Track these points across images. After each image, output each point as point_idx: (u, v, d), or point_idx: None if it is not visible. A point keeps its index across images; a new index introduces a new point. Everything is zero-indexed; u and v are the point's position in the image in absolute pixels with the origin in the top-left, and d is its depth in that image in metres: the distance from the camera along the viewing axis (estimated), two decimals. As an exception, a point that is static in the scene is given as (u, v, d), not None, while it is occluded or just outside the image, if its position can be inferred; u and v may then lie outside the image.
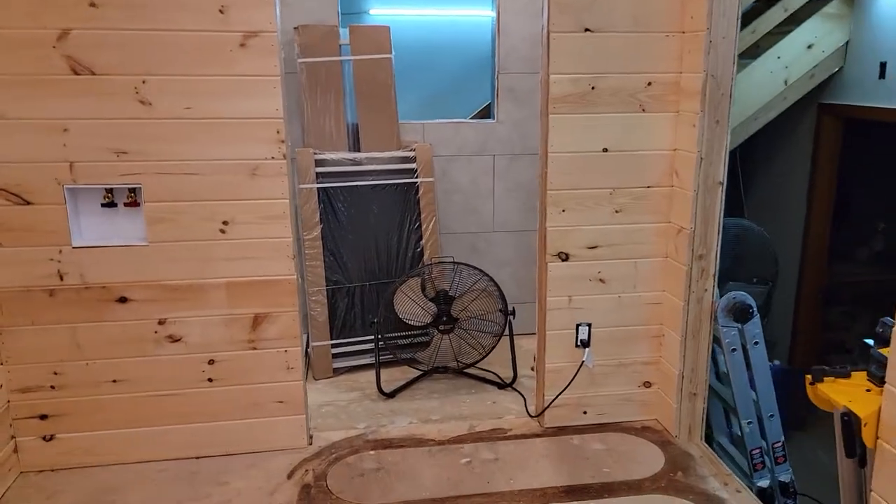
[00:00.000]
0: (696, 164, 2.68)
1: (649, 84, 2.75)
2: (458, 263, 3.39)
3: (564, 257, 2.88)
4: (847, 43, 4.41)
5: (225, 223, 2.64)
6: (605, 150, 2.79)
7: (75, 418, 2.72)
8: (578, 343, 2.96)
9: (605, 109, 2.75)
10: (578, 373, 2.97)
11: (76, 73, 2.43)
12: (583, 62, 2.70)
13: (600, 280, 2.92)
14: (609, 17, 2.66)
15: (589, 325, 2.95)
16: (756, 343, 2.82)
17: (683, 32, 2.70)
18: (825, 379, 1.96)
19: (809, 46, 4.38)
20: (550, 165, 2.78)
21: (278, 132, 2.60)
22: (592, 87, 2.73)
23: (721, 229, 2.74)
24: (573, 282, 2.91)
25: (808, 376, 1.99)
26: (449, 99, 4.33)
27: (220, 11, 2.46)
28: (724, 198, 2.73)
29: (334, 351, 3.63)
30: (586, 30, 2.67)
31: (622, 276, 2.92)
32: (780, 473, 2.94)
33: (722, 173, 2.70)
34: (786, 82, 4.43)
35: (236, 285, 2.71)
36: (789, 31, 4.38)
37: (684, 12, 2.68)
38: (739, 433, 3.18)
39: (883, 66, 4.14)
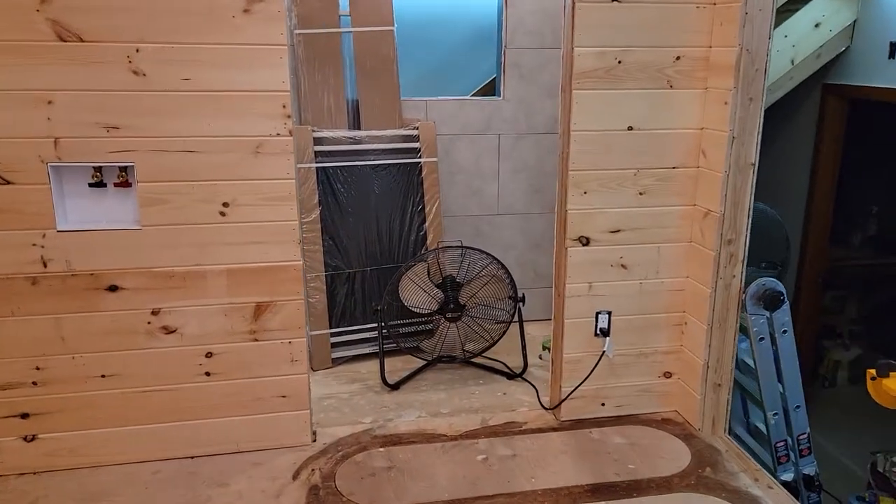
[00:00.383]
0: (728, 144, 2.53)
1: (678, 58, 2.59)
2: (467, 248, 3.22)
3: (585, 242, 2.72)
4: (854, 22, 4.30)
5: (225, 205, 2.44)
6: (630, 128, 2.64)
7: (60, 416, 2.51)
8: (598, 332, 2.82)
9: (631, 85, 2.59)
10: (598, 363, 2.83)
11: (62, 40, 2.19)
12: (609, 34, 2.53)
13: (622, 266, 2.77)
14: (639, -14, 2.50)
15: (609, 313, 2.81)
16: (784, 331, 2.71)
17: (715, 4, 2.55)
18: (891, 374, 1.85)
19: (817, 25, 4.26)
20: (573, 144, 2.62)
21: (284, 106, 2.39)
22: (619, 62, 2.56)
23: (751, 213, 2.61)
24: (594, 267, 2.76)
25: (872, 371, 1.87)
26: (448, 74, 4.12)
27: (221, -28, 2.24)
28: (755, 180, 2.59)
29: (333, 340, 3.44)
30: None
31: (645, 262, 2.78)
32: (805, 466, 2.84)
33: (754, 154, 2.56)
34: (792, 62, 4.30)
35: (237, 272, 2.51)
36: (797, 9, 4.26)
37: (717, -18, 2.53)
38: (758, 424, 3.09)
39: (893, 45, 4.03)
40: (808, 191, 4.76)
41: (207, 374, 2.58)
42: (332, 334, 3.43)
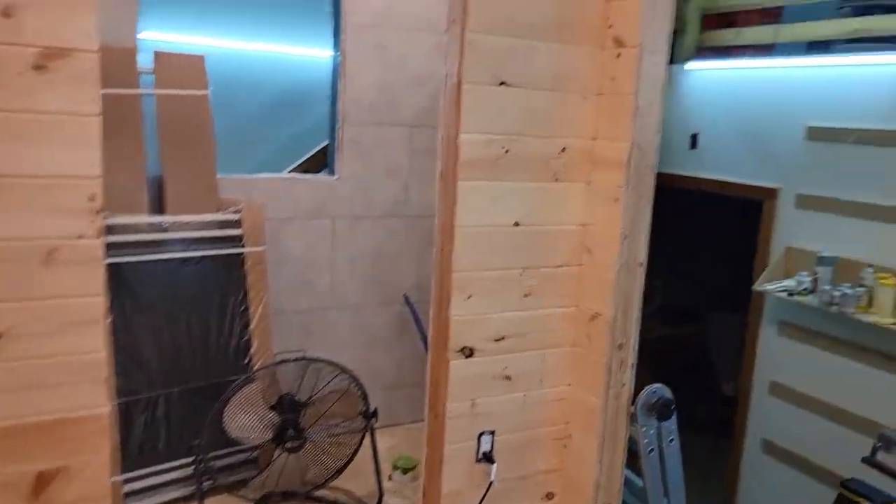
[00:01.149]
0: (620, 243, 2.33)
1: (563, 150, 2.36)
2: (311, 359, 2.66)
3: (469, 353, 2.34)
4: (655, 111, 4.51)
5: (-4, 337, 1.68)
6: (517, 223, 2.34)
7: None
8: (480, 457, 2.43)
9: (518, 177, 2.30)
10: (484, 495, 2.43)
11: None
12: (497, 121, 2.23)
13: (506, 377, 2.43)
14: (529, 70, 2.23)
15: (492, 434, 2.43)
16: (671, 440, 2.53)
17: (600, 94, 2.37)
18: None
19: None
20: (458, 242, 2.25)
21: (92, 199, 1.72)
22: (506, 151, 2.26)
23: (640, 315, 2.43)
24: (477, 382, 2.38)
25: None
26: (251, 145, 3.58)
27: (5, 14, 1.56)
28: (643, 280, 2.42)
29: (128, 488, 2.65)
30: (502, 83, 2.21)
31: (529, 371, 2.47)
32: (690, 581, 2.66)
33: (643, 253, 2.39)
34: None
35: (10, 432, 1.73)
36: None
37: (603, 72, 2.35)
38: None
39: (694, 137, 4.28)
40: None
41: (-43, 585, 1.74)
42: (126, 481, 2.64)
